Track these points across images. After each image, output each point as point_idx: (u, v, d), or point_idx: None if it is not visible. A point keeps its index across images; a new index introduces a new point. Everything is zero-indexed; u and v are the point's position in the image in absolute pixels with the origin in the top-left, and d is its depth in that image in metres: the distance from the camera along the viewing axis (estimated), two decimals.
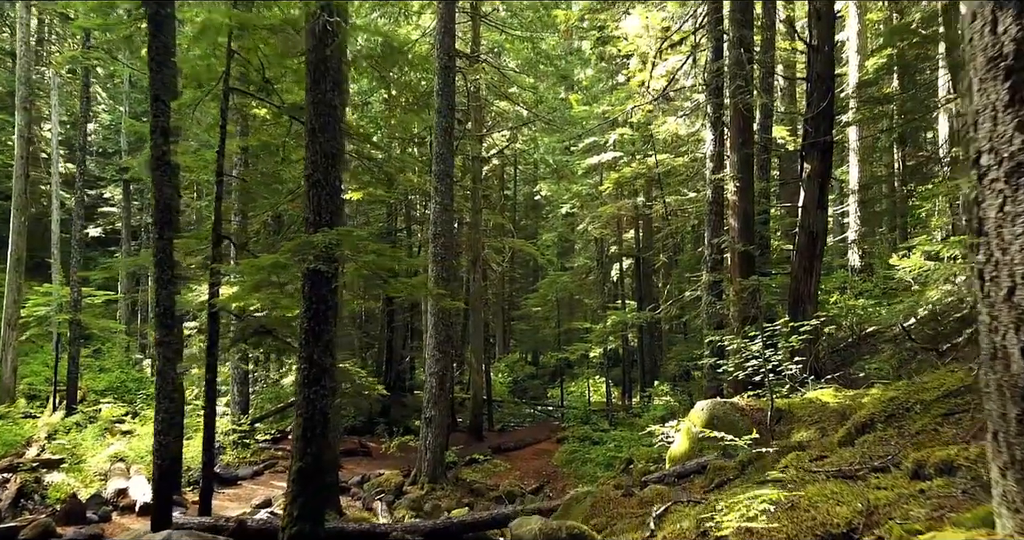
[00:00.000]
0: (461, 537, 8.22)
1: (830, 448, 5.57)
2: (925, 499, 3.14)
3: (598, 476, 15.66)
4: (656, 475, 7.89)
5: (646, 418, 16.89)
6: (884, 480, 3.48)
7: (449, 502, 13.60)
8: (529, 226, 42.29)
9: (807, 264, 12.18)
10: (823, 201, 12.29)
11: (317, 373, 6.70)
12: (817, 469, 4.40)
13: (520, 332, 37.54)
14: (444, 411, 14.40)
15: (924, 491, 3.11)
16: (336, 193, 6.92)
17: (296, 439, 6.64)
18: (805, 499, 3.42)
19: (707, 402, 8.68)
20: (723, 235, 12.87)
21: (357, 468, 16.66)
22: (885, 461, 4.02)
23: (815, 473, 4.29)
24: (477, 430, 21.36)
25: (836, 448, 5.39)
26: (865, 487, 3.45)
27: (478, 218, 21.71)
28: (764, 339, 8.06)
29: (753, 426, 8.17)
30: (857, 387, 10.08)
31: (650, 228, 26.38)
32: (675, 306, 14.06)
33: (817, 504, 3.51)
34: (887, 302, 13.66)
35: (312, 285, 6.69)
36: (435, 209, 14.46)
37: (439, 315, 14.25)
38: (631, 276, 28.17)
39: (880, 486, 3.40)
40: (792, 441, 7.27)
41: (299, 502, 6.49)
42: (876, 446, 4.68)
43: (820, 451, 5.44)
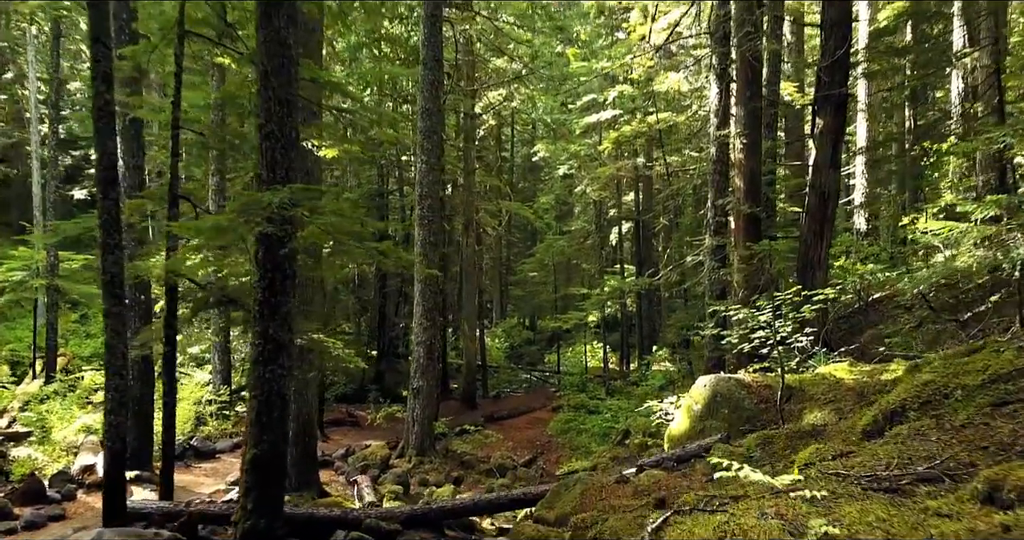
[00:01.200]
0: (441, 524, 7.58)
1: (853, 440, 4.84)
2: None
3: (593, 448, 15.11)
4: (653, 458, 7.21)
5: (644, 388, 16.27)
6: (944, 502, 2.75)
7: (437, 476, 13.03)
8: (527, 189, 41.31)
9: (817, 227, 11.37)
10: (836, 159, 11.42)
11: (273, 350, 5.96)
12: (845, 472, 3.66)
13: (517, 297, 36.87)
14: (432, 381, 13.74)
15: (1009, 528, 2.38)
16: (292, 146, 6.09)
17: (250, 424, 5.93)
18: (844, 529, 2.69)
19: (710, 378, 7.96)
20: (728, 196, 12.04)
21: (344, 439, 16.09)
22: (933, 468, 3.29)
23: (844, 478, 3.56)
24: (470, 398, 20.79)
25: (861, 441, 4.66)
26: (922, 513, 2.72)
27: (471, 179, 20.82)
28: (774, 310, 7.30)
29: (760, 405, 7.48)
30: (870, 359, 9.37)
31: (650, 190, 25.48)
32: (675, 272, 13.30)
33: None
34: (905, 267, 12.85)
35: (266, 251, 5.90)
36: (421, 168, 13.60)
37: (426, 282, 13.49)
38: (630, 240, 27.35)
39: (941, 511, 2.67)
40: (805, 423, 6.56)
41: (253, 495, 5.80)
42: (913, 443, 3.94)
43: (843, 444, 4.71)
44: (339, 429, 16.96)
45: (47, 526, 8.98)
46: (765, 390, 7.58)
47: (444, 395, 21.60)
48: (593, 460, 13.71)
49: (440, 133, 14.49)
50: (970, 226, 7.08)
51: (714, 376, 7.95)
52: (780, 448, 5.81)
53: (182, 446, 12.73)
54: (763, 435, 6.12)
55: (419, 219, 13.58)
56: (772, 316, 7.32)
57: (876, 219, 24.76)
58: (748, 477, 3.80)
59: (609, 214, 27.50)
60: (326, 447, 15.03)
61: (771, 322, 7.42)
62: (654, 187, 25.80)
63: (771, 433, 6.14)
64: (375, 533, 7.17)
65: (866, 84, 20.14)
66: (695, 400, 7.93)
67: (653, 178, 24.85)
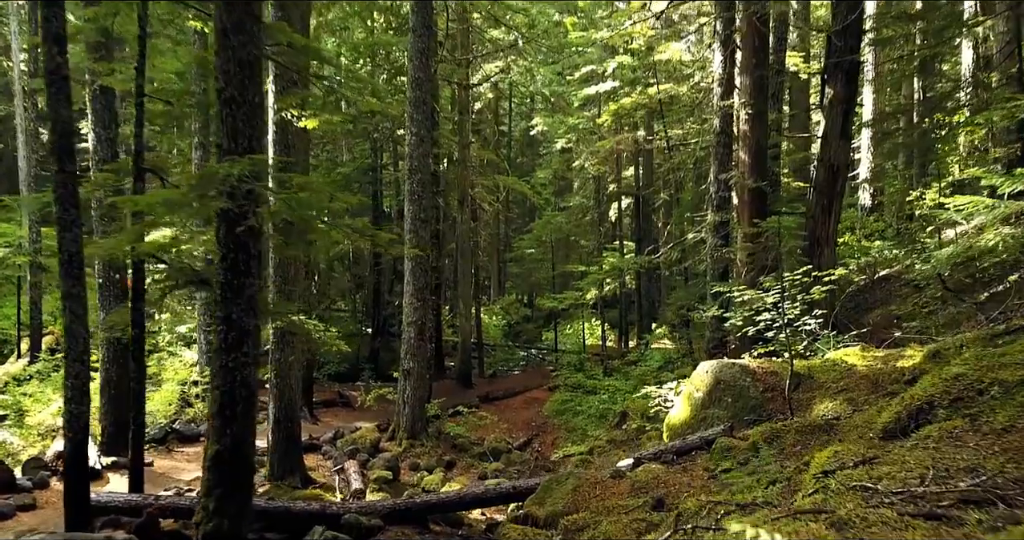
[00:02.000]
0: (425, 518, 7.13)
1: (874, 440, 4.35)
2: None
3: (590, 431, 14.70)
4: (651, 450, 6.74)
5: (642, 368, 15.82)
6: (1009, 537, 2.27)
7: (429, 460, 12.62)
8: (525, 164, 40.62)
9: (826, 202, 10.82)
10: (846, 130, 10.85)
11: (237, 337, 5.45)
12: (872, 485, 3.17)
13: (515, 275, 36.37)
14: (423, 362, 13.28)
15: None
16: (256, 112, 5.52)
17: (212, 417, 5.44)
18: None
19: (712, 363, 7.47)
20: (731, 170, 11.46)
21: (334, 420, 15.67)
22: (978, 485, 2.79)
23: (871, 494, 3.07)
24: (466, 377, 20.37)
25: (884, 442, 4.16)
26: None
27: (466, 153, 20.18)
28: (783, 291, 6.79)
29: (766, 393, 7.00)
30: (879, 342, 8.88)
31: (651, 164, 24.84)
32: (676, 250, 12.77)
33: None
34: (918, 244, 12.30)
35: (228, 228, 5.36)
36: (411, 141, 12.99)
37: (416, 260, 12.95)
38: (630, 216, 26.77)
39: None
40: (815, 415, 6.08)
41: (216, 494, 5.33)
42: (947, 449, 3.45)
43: (863, 445, 4.22)
44: (330, 410, 16.53)
45: (16, 516, 8.57)
46: (771, 377, 7.10)
47: (439, 374, 21.21)
48: (589, 444, 13.31)
49: (431, 104, 13.86)
50: (996, 202, 6.54)
51: (717, 362, 7.45)
52: (789, 443, 5.33)
53: (164, 429, 12.30)
54: (770, 428, 5.63)
55: (409, 194, 13.01)
56: (780, 297, 6.81)
57: (881, 194, 24.17)
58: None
59: (609, 189, 26.89)
60: (315, 430, 14.62)
61: (779, 304, 6.92)
62: (654, 161, 25.17)
63: (779, 426, 5.66)
64: (354, 530, 6.73)
65: (873, 54, 19.45)
66: (696, 387, 7.45)
67: (653, 152, 24.22)
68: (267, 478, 10.21)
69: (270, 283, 10.17)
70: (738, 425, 6.75)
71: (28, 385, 14.14)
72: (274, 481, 10.11)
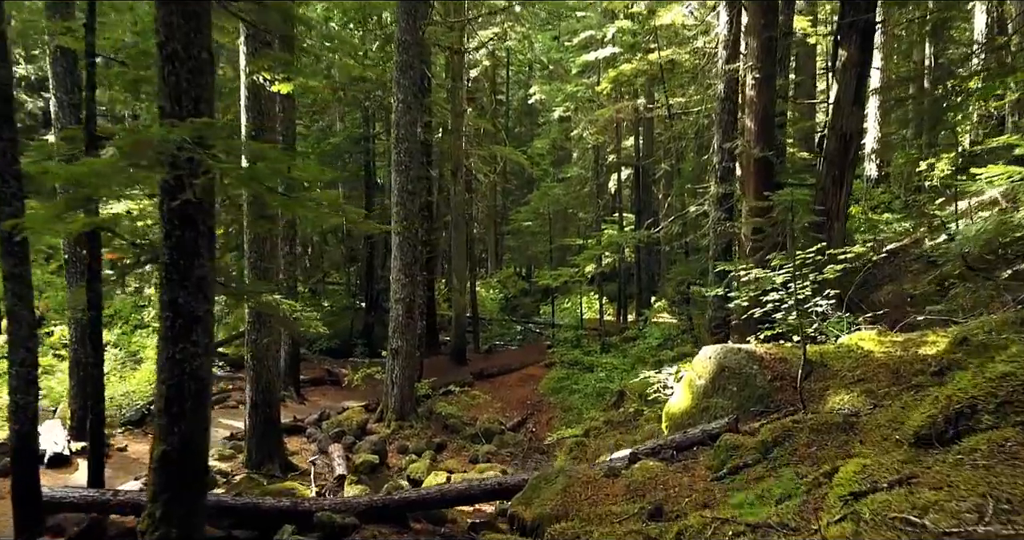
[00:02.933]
0: (404, 515, 6.61)
1: (905, 447, 3.76)
2: None
3: (586, 411, 14.21)
4: (649, 445, 6.19)
5: (641, 345, 15.28)
6: None
7: (418, 442, 12.14)
8: (523, 133, 39.74)
9: (837, 173, 10.19)
10: (860, 96, 10.16)
11: (185, 324, 4.85)
12: (916, 519, 2.59)
13: (512, 248, 35.73)
14: (413, 341, 12.72)
15: None
16: (203, 70, 4.85)
17: (159, 413, 4.86)
18: None
19: (715, 349, 6.89)
20: (736, 139, 10.78)
21: (322, 400, 15.17)
22: None
23: (919, 532, 2.50)
24: (460, 354, 19.86)
25: (919, 452, 3.58)
26: None
27: (459, 122, 19.41)
28: (795, 270, 6.18)
29: (774, 382, 6.43)
30: (893, 323, 8.30)
31: (651, 134, 24.08)
32: (677, 223, 12.13)
33: None
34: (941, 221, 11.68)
35: (172, 202, 4.74)
36: (398, 107, 12.28)
37: (404, 234, 12.32)
38: (630, 187, 26.07)
39: None
40: (830, 409, 5.51)
41: (163, 499, 4.78)
42: (1003, 468, 2.87)
43: (895, 455, 3.63)
44: (318, 389, 16.03)
45: None
46: (780, 364, 6.52)
47: (432, 351, 20.71)
48: (585, 425, 12.81)
49: (420, 69, 13.13)
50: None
51: (721, 347, 6.87)
52: (803, 444, 4.77)
53: (142, 411, 11.79)
54: (781, 425, 5.07)
55: (396, 164, 12.34)
56: (793, 277, 6.21)
57: (888, 165, 23.44)
58: None
59: (608, 160, 26.14)
60: (302, 410, 14.13)
61: (791, 283, 6.32)
62: (655, 131, 24.41)
63: (791, 423, 5.09)
64: (327, 529, 6.21)
65: (881, 18, 18.59)
66: (698, 374, 6.88)
67: (654, 121, 23.44)
68: (245, 464, 9.72)
69: (244, 260, 9.57)
70: (743, 417, 6.19)
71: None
72: (252, 468, 9.62)
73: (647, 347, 14.86)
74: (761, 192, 10.35)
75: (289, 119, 14.49)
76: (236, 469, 9.62)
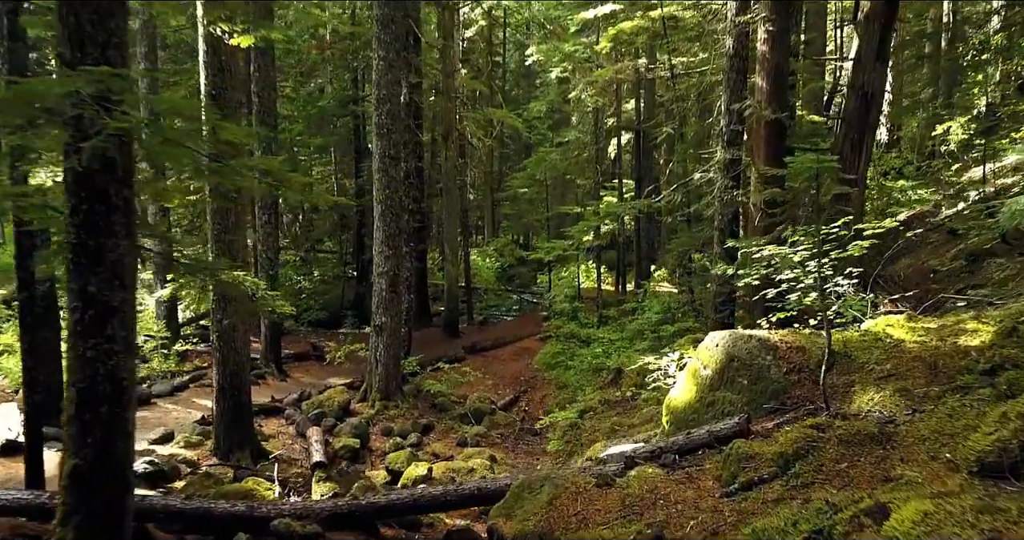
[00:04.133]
0: (373, 523, 5.92)
1: (970, 483, 3.02)
2: None
3: (582, 389, 13.54)
4: (648, 447, 5.46)
5: (640, 320, 14.54)
6: None
7: (403, 423, 11.48)
8: (521, 97, 38.56)
9: (855, 137, 9.31)
10: (884, 51, 9.24)
11: (98, 316, 4.08)
12: None
13: (507, 215, 34.84)
14: (398, 317, 11.98)
15: None
16: (114, 11, 4.00)
17: (69, 421, 4.11)
18: None
19: (723, 335, 6.12)
20: (746, 99, 9.88)
21: (305, 376, 14.50)
22: None
23: None
24: (452, 326, 19.16)
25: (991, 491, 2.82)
26: None
27: (451, 83, 18.40)
28: (821, 246, 5.39)
29: (790, 375, 5.67)
30: (917, 302, 7.54)
31: (653, 97, 23.04)
32: (680, 191, 11.25)
33: None
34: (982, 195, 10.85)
35: (78, 171, 3.93)
36: (379, 65, 11.35)
37: (387, 203, 11.50)
38: (630, 152, 25.10)
39: None
40: (856, 408, 4.77)
41: (74, 522, 4.05)
42: None
43: (957, 492, 2.88)
44: (301, 365, 15.33)
45: None
46: (796, 354, 5.76)
47: (424, 323, 20.02)
48: (580, 404, 12.13)
49: (404, 23, 12.15)
50: None
51: (730, 333, 6.10)
52: (831, 459, 4.03)
53: None
54: (804, 434, 4.32)
55: (377, 128, 11.45)
56: (817, 255, 5.42)
57: (899, 129, 22.46)
58: None
59: (608, 124, 25.12)
60: (284, 388, 13.46)
61: (813, 261, 5.54)
62: (656, 93, 23.37)
63: (813, 430, 4.35)
64: (285, 538, 5.52)
65: None
66: (703, 363, 6.13)
67: (655, 82, 22.39)
68: (213, 452, 9.05)
69: (207, 233, 8.76)
70: (756, 415, 5.46)
71: None
72: (221, 456, 8.95)
73: (646, 322, 14.13)
74: (772, 158, 9.51)
75: (266, 79, 13.55)
76: (203, 457, 8.96)
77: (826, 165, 5.06)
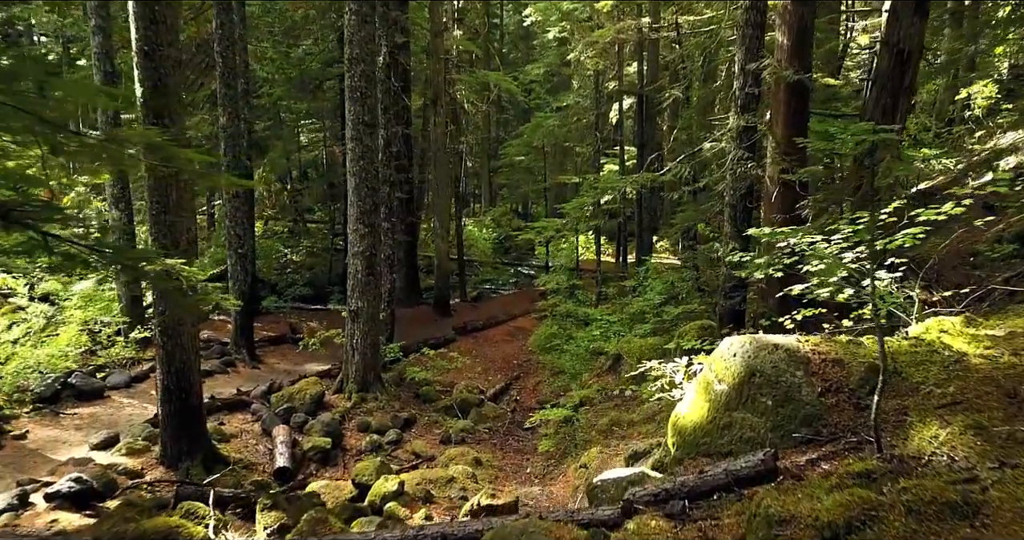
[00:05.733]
0: None
1: None
2: None
3: (578, 376, 12.55)
4: (649, 488, 4.41)
5: (641, 303, 13.48)
6: None
7: (382, 417, 10.51)
8: (520, 60, 37.05)
9: (889, 101, 8.14)
10: (924, 4, 8.01)
11: None
12: None
13: (502, 185, 33.60)
14: (376, 301, 10.93)
15: None
16: None
17: None
18: None
19: (741, 342, 5.05)
20: (765, 58, 8.66)
21: (281, 362, 13.49)
22: None
23: None
24: (443, 304, 18.13)
25: None
26: None
27: (439, 43, 17.08)
28: (870, 235, 4.29)
29: (827, 396, 4.61)
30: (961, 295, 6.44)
31: (656, 60, 21.64)
32: (686, 163, 10.03)
33: None
34: None
35: None
36: (351, 20, 10.12)
37: (362, 176, 10.36)
38: (632, 117, 23.77)
39: None
40: (916, 448, 3.72)
41: None
42: None
43: None
44: (277, 349, 14.30)
45: None
46: (833, 369, 4.69)
47: (414, 300, 18.98)
48: (576, 394, 11.16)
49: None
50: None
51: (750, 340, 5.02)
52: (896, 537, 2.98)
53: (55, 386, 10.08)
54: (858, 501, 3.27)
55: (349, 91, 10.26)
56: (869, 249, 4.34)
57: (914, 94, 21.11)
58: None
59: (609, 88, 23.76)
60: (255, 376, 12.47)
61: (859, 251, 4.48)
62: (660, 56, 21.97)
63: (871, 495, 3.31)
64: None
65: None
66: (718, 375, 5.07)
67: (659, 44, 21.01)
68: (159, 460, 8.07)
69: (144, 213, 7.67)
70: (784, 446, 4.42)
71: None
72: (168, 464, 7.97)
73: (648, 304, 13.07)
74: (793, 124, 8.35)
75: (230, 37, 12.28)
76: (148, 466, 7.97)
77: (885, 137, 3.93)
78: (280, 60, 21.83)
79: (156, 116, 7.35)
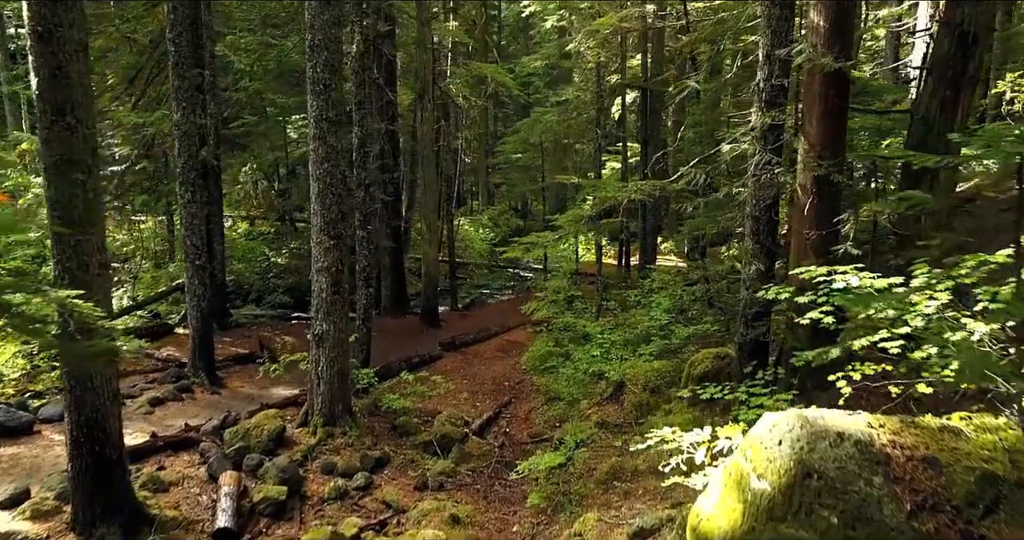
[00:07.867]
0: None
1: None
2: None
3: (576, 401, 11.22)
4: None
5: (646, 321, 12.11)
6: None
7: (350, 457, 9.18)
8: (519, 53, 35.67)
9: (949, 94, 6.80)
10: None
11: None
12: None
13: (497, 185, 32.19)
14: (342, 324, 9.58)
15: None
16: None
17: None
18: None
19: (788, 423, 3.68)
20: (796, 43, 7.27)
21: (245, 386, 12.12)
22: None
23: None
24: (431, 315, 16.80)
25: None
26: None
27: (427, 32, 15.69)
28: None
29: (919, 515, 3.24)
30: None
31: (661, 50, 20.24)
32: (700, 169, 8.58)
33: None
34: None
35: None
36: (311, 4, 8.75)
37: (327, 180, 9.01)
38: (635, 112, 22.38)
39: None
40: None
41: None
42: None
43: None
44: (244, 370, 12.90)
45: None
46: (925, 475, 3.33)
47: (401, 310, 17.67)
48: (572, 430, 9.82)
49: None
50: None
51: (800, 420, 3.64)
52: None
53: None
54: None
55: (311, 83, 8.90)
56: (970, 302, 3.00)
57: None
58: None
59: (611, 81, 22.35)
60: (213, 403, 11.13)
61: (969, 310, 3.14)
62: (666, 47, 20.55)
63: None
64: None
65: None
66: (756, 468, 3.71)
67: (664, 33, 19.59)
68: (70, 525, 6.74)
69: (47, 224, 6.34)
70: None
71: None
72: (81, 531, 6.64)
73: (653, 323, 11.70)
74: (831, 122, 6.98)
75: (183, 23, 10.92)
76: (55, 533, 6.64)
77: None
78: (259, 51, 20.43)
79: (57, 112, 6.03)
